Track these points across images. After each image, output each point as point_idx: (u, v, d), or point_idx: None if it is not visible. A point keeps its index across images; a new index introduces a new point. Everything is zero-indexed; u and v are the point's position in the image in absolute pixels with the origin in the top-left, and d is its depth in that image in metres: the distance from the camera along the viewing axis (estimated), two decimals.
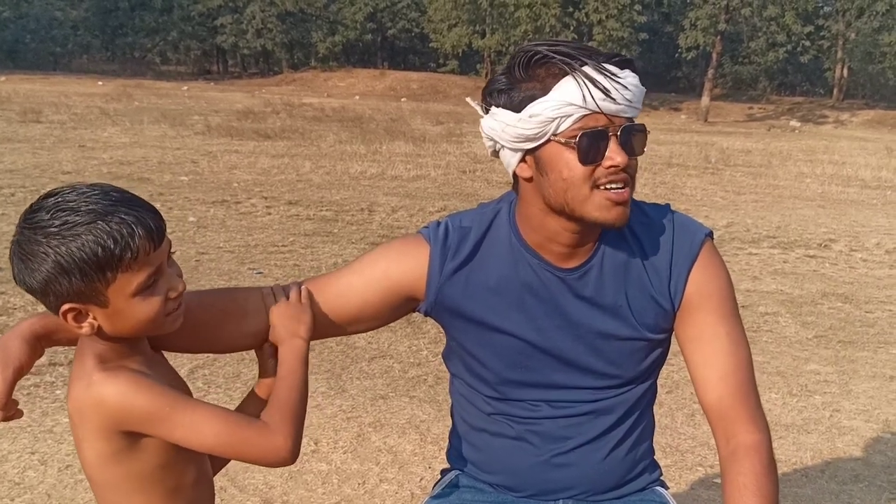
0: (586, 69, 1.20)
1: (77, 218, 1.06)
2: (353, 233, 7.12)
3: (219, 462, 1.40)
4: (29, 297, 1.14)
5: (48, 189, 1.11)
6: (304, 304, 1.33)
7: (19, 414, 1.21)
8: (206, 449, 1.16)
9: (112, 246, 1.07)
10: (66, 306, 1.10)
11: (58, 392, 3.50)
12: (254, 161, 11.28)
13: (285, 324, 1.30)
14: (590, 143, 1.22)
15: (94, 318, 1.12)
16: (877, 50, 37.17)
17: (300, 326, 1.30)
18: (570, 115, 1.21)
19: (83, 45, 47.22)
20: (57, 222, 1.07)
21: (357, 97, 32.01)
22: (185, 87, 30.55)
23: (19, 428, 3.14)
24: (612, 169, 1.23)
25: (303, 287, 1.36)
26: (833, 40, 39.09)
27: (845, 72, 39.99)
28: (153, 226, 1.11)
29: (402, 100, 31.62)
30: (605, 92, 1.19)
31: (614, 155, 1.22)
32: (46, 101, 19.50)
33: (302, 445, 1.20)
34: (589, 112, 1.21)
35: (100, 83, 29.55)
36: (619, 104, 1.21)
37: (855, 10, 36.99)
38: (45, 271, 1.07)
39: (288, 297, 1.33)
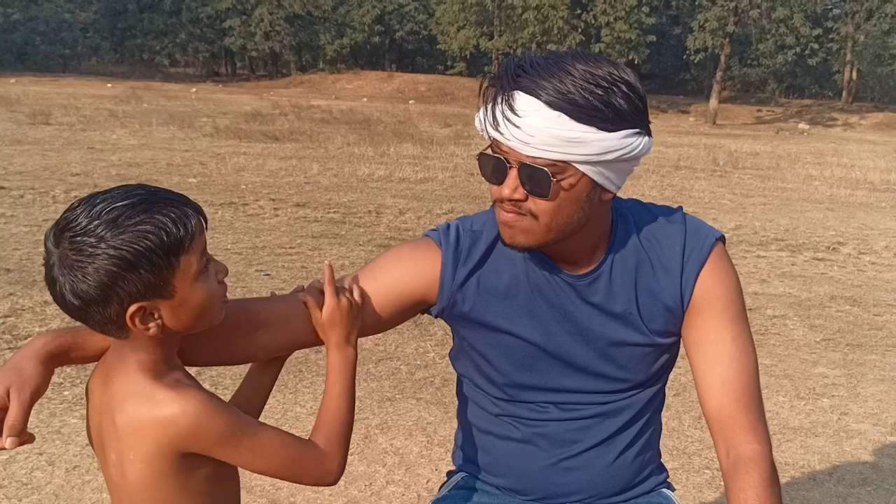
0: (499, 96, 1.19)
1: (124, 211, 1.01)
2: (361, 235, 7.13)
3: None
4: (38, 297, 1.10)
5: (57, 190, 1.09)
6: (355, 307, 1.31)
7: (31, 438, 1.14)
8: (265, 473, 1.14)
9: (174, 230, 1.04)
10: (134, 307, 1.04)
11: (65, 393, 3.51)
12: (262, 163, 11.31)
13: (336, 329, 1.29)
14: (484, 164, 1.25)
15: (160, 317, 1.07)
16: (886, 52, 37.02)
17: (352, 334, 1.30)
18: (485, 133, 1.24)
19: (92, 48, 47.33)
20: (103, 220, 1.00)
21: (365, 99, 32.05)
22: (194, 90, 30.65)
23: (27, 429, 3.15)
24: (499, 197, 1.24)
25: (354, 286, 1.33)
26: (842, 43, 38.94)
27: (854, 74, 39.83)
28: (197, 206, 1.10)
29: (410, 102, 31.64)
30: (493, 124, 1.19)
31: (504, 186, 1.22)
32: (56, 103, 19.60)
33: None
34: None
35: (109, 85, 29.70)
36: (509, 140, 1.18)
37: (864, 12, 36.88)
38: (106, 271, 1.00)
39: (338, 297, 1.30)
